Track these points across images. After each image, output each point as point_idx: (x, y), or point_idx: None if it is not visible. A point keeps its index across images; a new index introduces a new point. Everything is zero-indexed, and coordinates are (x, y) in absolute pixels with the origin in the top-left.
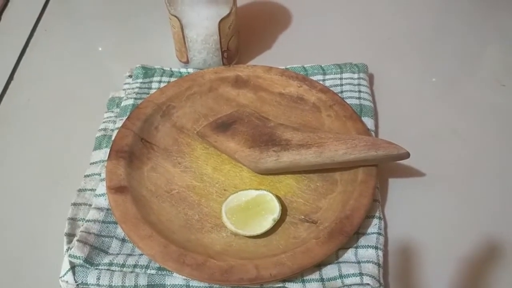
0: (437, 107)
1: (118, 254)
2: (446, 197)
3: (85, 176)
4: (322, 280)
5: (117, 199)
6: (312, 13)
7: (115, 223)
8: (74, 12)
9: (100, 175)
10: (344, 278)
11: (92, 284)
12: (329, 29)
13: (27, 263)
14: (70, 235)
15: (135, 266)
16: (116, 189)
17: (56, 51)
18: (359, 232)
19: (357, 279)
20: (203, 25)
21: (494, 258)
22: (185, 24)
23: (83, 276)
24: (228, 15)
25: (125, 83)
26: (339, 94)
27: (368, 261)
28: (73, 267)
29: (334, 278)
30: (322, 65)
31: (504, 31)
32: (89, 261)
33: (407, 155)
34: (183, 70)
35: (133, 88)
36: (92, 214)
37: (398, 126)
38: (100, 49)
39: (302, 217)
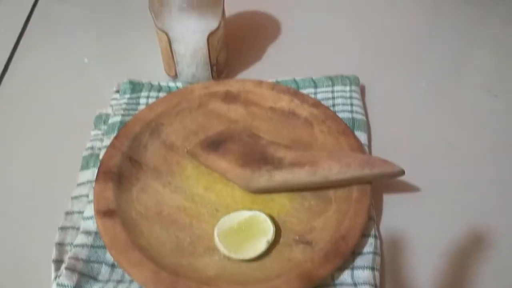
0: (430, 118)
1: (108, 280)
2: (441, 212)
3: (72, 198)
4: None
5: (106, 223)
6: (302, 24)
7: (104, 247)
8: (58, 27)
9: (88, 197)
10: None
11: None
12: (319, 39)
13: None
14: (58, 262)
15: None
16: (105, 213)
17: (40, 67)
18: (355, 251)
19: None
20: (191, 39)
21: (494, 275)
22: (173, 39)
23: None
24: (217, 29)
25: (112, 99)
26: (331, 108)
27: (364, 283)
28: None
29: None
30: (313, 78)
31: (496, 40)
32: None
33: (401, 173)
34: (171, 84)
35: (120, 104)
36: (81, 239)
37: (391, 139)
38: (86, 64)
39: (297, 237)
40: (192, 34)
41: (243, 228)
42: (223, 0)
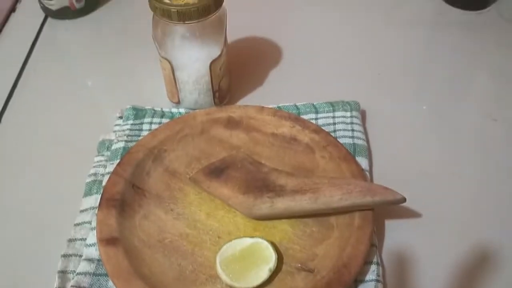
0: (430, 143)
1: None
2: (443, 237)
3: (75, 225)
4: None
5: (109, 251)
6: (302, 50)
7: (107, 275)
8: (62, 54)
9: (91, 223)
10: None
11: None
12: (320, 65)
13: None
14: None
15: None
16: (108, 241)
17: (45, 93)
18: (357, 279)
19: None
20: (194, 67)
21: None
22: (176, 66)
23: None
24: (219, 56)
25: (116, 125)
26: (332, 133)
27: None
28: None
29: None
30: (315, 103)
31: (496, 64)
32: None
33: (403, 200)
34: (174, 110)
35: (123, 130)
36: (83, 266)
37: (392, 163)
38: (89, 89)
39: (299, 265)
40: (194, 62)
41: (245, 256)
42: (225, 29)
